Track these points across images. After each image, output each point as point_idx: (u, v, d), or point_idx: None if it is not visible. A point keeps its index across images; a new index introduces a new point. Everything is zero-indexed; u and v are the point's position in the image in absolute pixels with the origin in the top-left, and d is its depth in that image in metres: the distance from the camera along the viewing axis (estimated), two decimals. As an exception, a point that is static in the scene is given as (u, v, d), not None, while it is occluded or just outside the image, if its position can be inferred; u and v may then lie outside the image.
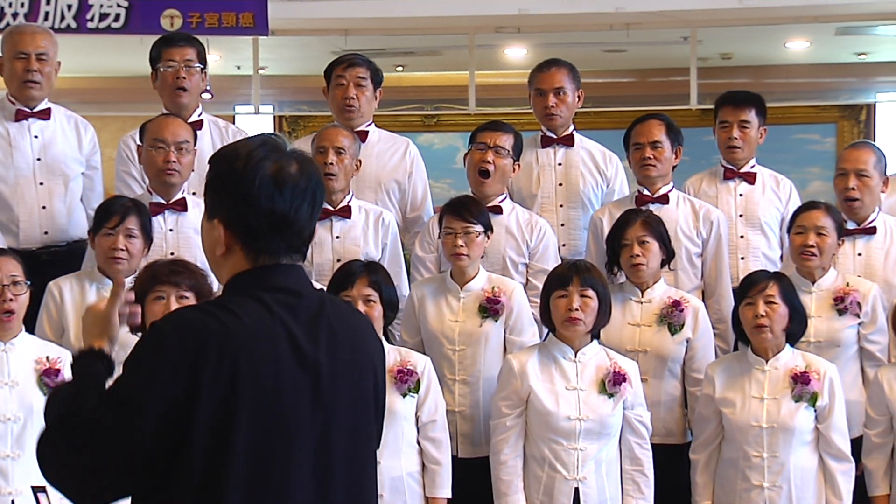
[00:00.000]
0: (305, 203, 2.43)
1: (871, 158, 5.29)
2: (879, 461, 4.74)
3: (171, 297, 4.17)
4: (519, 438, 4.55)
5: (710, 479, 4.70)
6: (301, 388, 2.36)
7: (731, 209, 5.58)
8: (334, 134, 5.24)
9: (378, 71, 5.73)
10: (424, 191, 5.78)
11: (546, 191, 5.71)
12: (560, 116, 5.70)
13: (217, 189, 2.47)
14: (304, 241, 2.47)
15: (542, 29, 10.60)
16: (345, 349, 2.45)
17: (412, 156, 5.75)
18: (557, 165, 5.73)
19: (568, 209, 5.69)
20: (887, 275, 5.25)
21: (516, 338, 4.90)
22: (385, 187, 5.64)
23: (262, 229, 2.41)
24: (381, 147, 5.69)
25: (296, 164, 2.44)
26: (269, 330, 2.36)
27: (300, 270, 2.48)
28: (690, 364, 4.94)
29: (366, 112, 5.68)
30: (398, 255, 5.35)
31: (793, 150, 10.92)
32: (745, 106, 5.60)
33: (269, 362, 2.33)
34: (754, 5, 9.56)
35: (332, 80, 5.67)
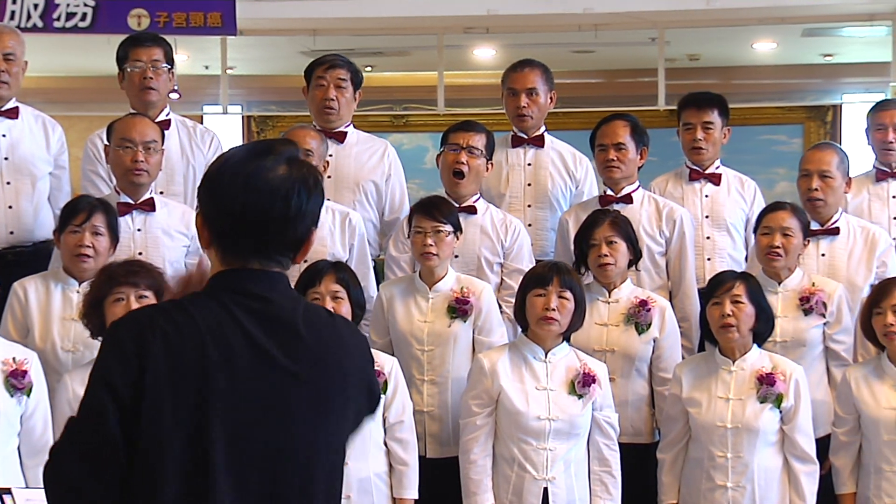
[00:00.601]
0: (277, 205, 2.36)
1: (833, 159, 5.33)
2: (846, 460, 4.76)
3: (131, 297, 4.16)
4: (489, 438, 4.55)
5: (676, 478, 4.72)
6: (253, 388, 2.31)
7: (696, 210, 5.61)
8: (301, 136, 5.24)
9: (358, 72, 5.74)
10: (402, 193, 5.78)
11: (515, 191, 5.72)
12: (531, 117, 5.71)
13: (202, 185, 2.45)
14: (277, 246, 2.39)
15: (511, 29, 10.62)
16: (310, 356, 2.37)
17: (391, 158, 5.75)
18: (527, 166, 5.74)
19: (536, 210, 5.71)
20: (850, 275, 5.28)
21: (485, 338, 4.91)
22: (363, 188, 5.63)
23: (226, 229, 2.38)
24: (359, 148, 5.69)
25: (284, 167, 2.38)
26: (222, 329, 2.32)
27: (275, 277, 2.41)
28: (657, 363, 4.96)
29: (345, 113, 5.68)
30: (365, 255, 5.34)
31: (759, 150, 10.97)
32: (707, 107, 5.62)
33: (219, 360, 2.29)
34: (721, 6, 9.60)
35: (312, 81, 5.67)
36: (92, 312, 4.24)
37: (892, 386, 4.67)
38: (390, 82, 12.52)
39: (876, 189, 5.78)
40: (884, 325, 4.63)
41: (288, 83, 10.60)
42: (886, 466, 4.63)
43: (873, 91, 11.03)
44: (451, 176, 5.29)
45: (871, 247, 5.33)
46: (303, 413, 2.36)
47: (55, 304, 4.70)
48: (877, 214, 5.69)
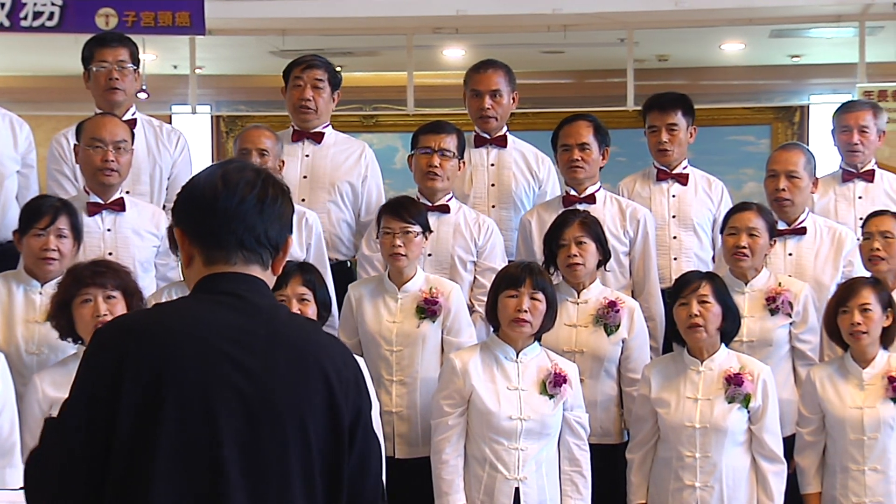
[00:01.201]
0: (253, 194, 2.40)
1: (800, 160, 5.36)
2: (811, 459, 4.79)
3: (98, 298, 4.14)
4: (460, 438, 4.55)
5: (645, 478, 4.74)
6: (230, 393, 2.30)
7: (664, 210, 5.63)
8: (256, 135, 5.24)
9: (336, 73, 5.74)
10: (379, 195, 5.78)
11: (478, 191, 5.73)
12: (496, 119, 5.72)
13: (177, 198, 2.49)
14: (258, 239, 2.42)
15: (480, 30, 10.62)
16: (287, 362, 2.36)
17: (367, 160, 5.76)
18: (490, 166, 5.75)
19: (500, 210, 5.71)
20: (817, 274, 5.31)
21: (454, 338, 4.91)
22: (338, 189, 5.63)
23: (209, 223, 2.40)
24: (336, 149, 5.69)
25: (251, 171, 2.45)
26: (202, 332, 2.33)
27: (255, 281, 2.44)
28: (626, 364, 4.98)
29: (322, 114, 5.68)
30: (322, 255, 5.32)
31: (728, 151, 11.02)
32: (671, 109, 5.64)
33: (198, 364, 2.29)
34: (690, 7, 9.63)
35: (290, 81, 5.68)
36: (60, 314, 4.22)
37: (857, 385, 4.69)
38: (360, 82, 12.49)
39: (842, 190, 5.82)
40: (850, 324, 4.66)
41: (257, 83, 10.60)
42: (853, 465, 4.66)
43: (840, 92, 11.09)
44: (425, 179, 5.30)
45: (838, 246, 5.36)
46: (278, 418, 2.33)
47: (18, 307, 4.67)
48: (843, 215, 5.73)
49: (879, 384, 4.67)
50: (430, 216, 5.06)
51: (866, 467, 4.64)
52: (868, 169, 5.82)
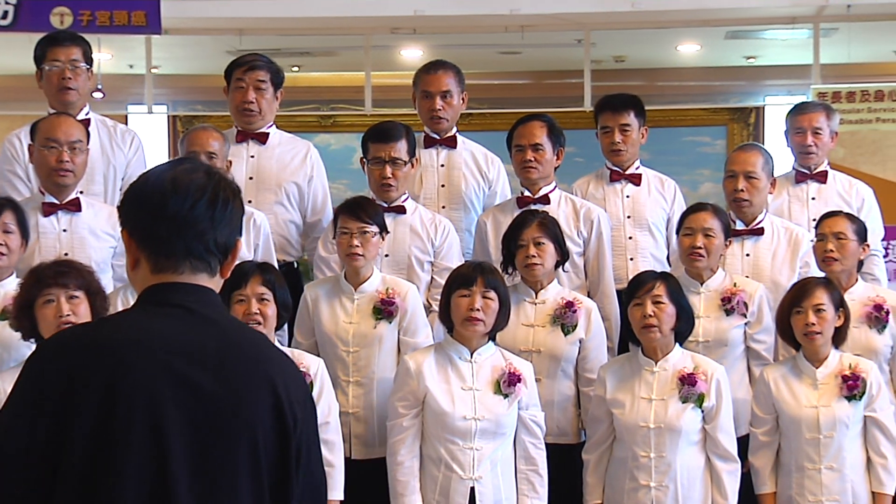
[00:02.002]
0: (204, 199, 2.34)
1: (759, 160, 5.39)
2: (766, 459, 4.81)
3: (61, 298, 4.11)
4: (416, 439, 4.54)
5: (601, 478, 4.75)
6: (180, 407, 2.25)
7: (618, 211, 5.65)
8: (204, 137, 5.20)
9: (279, 72, 5.70)
10: (325, 195, 5.76)
11: (428, 192, 5.72)
12: (447, 120, 5.72)
13: (123, 198, 2.43)
14: (207, 246, 2.35)
15: (438, 30, 10.63)
16: (238, 376, 2.31)
17: (313, 159, 5.73)
18: (440, 167, 5.75)
19: (450, 211, 5.70)
20: (774, 275, 5.34)
21: (410, 339, 4.90)
22: (285, 190, 5.60)
23: (158, 229, 2.34)
24: (281, 149, 5.66)
25: (202, 173, 2.38)
26: (152, 346, 2.27)
27: (204, 291, 2.38)
28: (583, 364, 4.99)
29: (266, 114, 5.64)
30: (271, 256, 5.29)
31: (684, 152, 11.07)
32: (623, 109, 5.66)
33: (148, 379, 2.24)
34: (646, 9, 9.68)
35: (232, 83, 5.62)
36: (22, 315, 4.19)
37: (810, 385, 4.73)
38: (317, 82, 12.49)
39: (795, 191, 5.86)
40: (805, 324, 4.69)
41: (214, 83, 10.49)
42: (809, 465, 4.69)
43: (795, 93, 11.18)
44: (380, 188, 5.28)
45: (795, 247, 5.40)
46: (221, 430, 2.29)
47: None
48: (796, 216, 5.77)
49: (833, 383, 4.70)
50: (386, 217, 5.05)
51: (822, 466, 4.67)
52: (821, 170, 5.86)
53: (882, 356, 5.06)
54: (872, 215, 5.84)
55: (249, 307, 4.45)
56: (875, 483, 4.70)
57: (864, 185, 5.97)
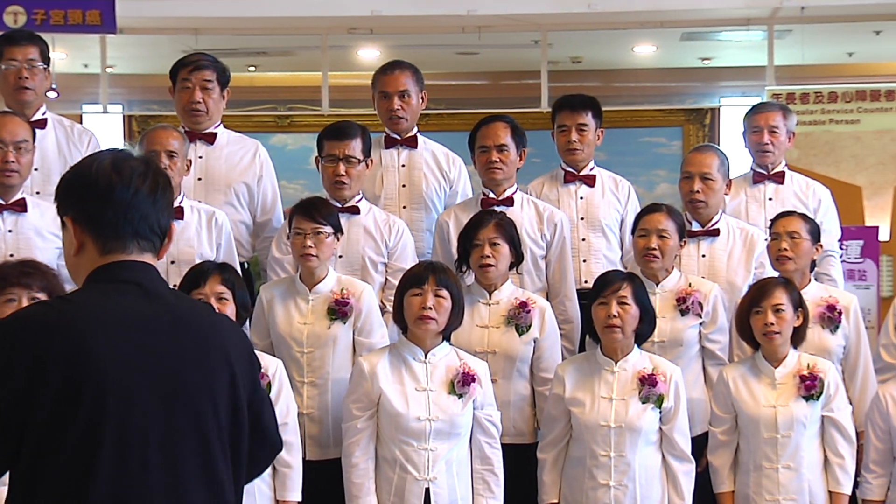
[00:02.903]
0: (146, 185, 2.52)
1: (714, 162, 5.42)
2: (725, 458, 4.84)
3: (23, 298, 4.07)
4: (370, 441, 4.53)
5: (558, 477, 4.76)
6: (145, 375, 2.40)
7: (572, 212, 5.66)
8: (164, 136, 5.17)
9: (225, 71, 5.67)
10: (274, 194, 5.75)
11: (389, 192, 5.72)
12: (405, 119, 5.72)
13: (63, 188, 2.56)
14: (152, 227, 2.53)
15: (395, 31, 10.62)
16: (192, 343, 2.49)
17: (262, 158, 5.71)
18: (401, 167, 5.74)
19: (411, 210, 5.71)
20: (730, 276, 5.38)
21: (365, 339, 4.89)
22: (234, 190, 5.59)
23: (105, 213, 2.49)
24: (230, 149, 5.63)
25: (137, 160, 2.55)
26: (113, 320, 2.41)
27: (151, 269, 2.54)
28: (538, 364, 5.00)
29: (213, 114, 5.62)
30: (233, 255, 5.30)
31: (640, 152, 11.10)
32: (581, 109, 5.68)
33: (113, 351, 2.38)
34: (602, 10, 9.71)
35: (178, 83, 5.61)
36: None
37: (769, 384, 4.76)
38: (274, 82, 12.44)
39: (753, 191, 5.90)
40: (764, 324, 4.72)
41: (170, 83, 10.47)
42: (767, 464, 4.71)
43: (750, 95, 11.25)
44: (333, 187, 5.28)
45: (750, 248, 5.43)
46: (186, 400, 2.45)
47: None
48: (753, 216, 5.81)
49: (791, 383, 4.73)
50: (340, 217, 5.04)
51: (780, 465, 4.70)
52: (778, 171, 5.91)
53: (835, 356, 5.10)
54: (829, 216, 5.89)
55: (208, 307, 4.43)
56: (832, 483, 4.73)
57: (821, 186, 6.02)
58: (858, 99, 9.81)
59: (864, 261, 7.74)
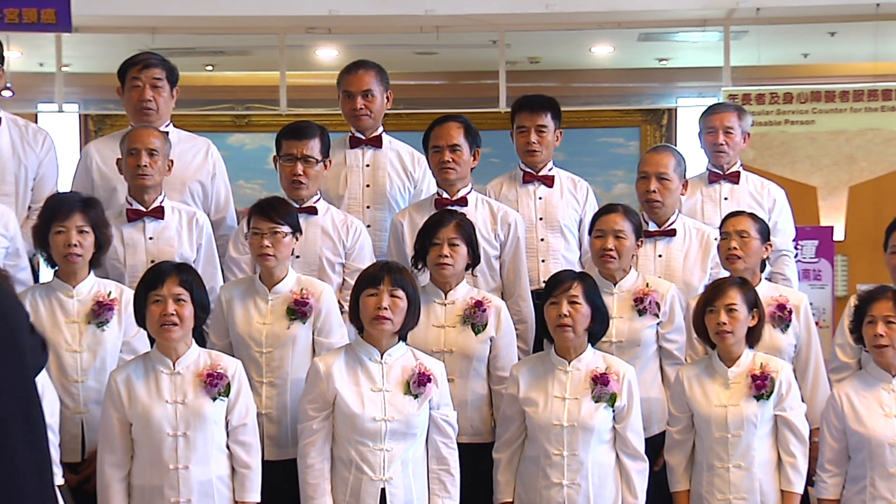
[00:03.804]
0: None
1: (671, 162, 5.44)
2: (680, 458, 4.86)
3: None
4: (326, 441, 4.52)
5: (512, 477, 4.76)
6: None
7: (530, 212, 5.67)
8: (146, 135, 5.19)
9: (174, 70, 5.67)
10: (227, 192, 5.76)
11: (353, 192, 5.72)
12: (369, 118, 5.72)
13: None
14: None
15: (353, 30, 10.61)
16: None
17: (214, 157, 5.72)
18: (365, 167, 5.74)
19: (375, 210, 5.71)
20: (686, 276, 5.40)
21: (325, 339, 4.89)
22: (189, 189, 5.58)
23: None
24: (181, 148, 5.62)
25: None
26: None
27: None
28: (495, 363, 5.00)
29: (163, 113, 5.61)
30: (213, 255, 5.32)
31: (598, 153, 11.15)
32: (541, 110, 5.68)
33: None
34: (560, 10, 9.74)
35: (127, 82, 5.61)
36: None
37: (722, 384, 4.78)
38: (231, 82, 12.40)
39: (708, 191, 5.93)
40: (717, 323, 4.74)
41: (125, 82, 10.45)
42: (718, 463, 4.74)
43: (706, 95, 11.32)
44: (290, 186, 5.27)
45: (706, 248, 5.45)
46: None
47: None
48: (709, 216, 5.84)
49: (744, 383, 4.76)
50: (298, 217, 5.03)
51: (731, 465, 4.73)
52: (734, 171, 5.95)
53: (786, 355, 5.13)
54: (784, 216, 5.94)
55: (166, 307, 4.41)
56: (784, 482, 4.76)
57: (775, 186, 6.06)
58: (813, 100, 9.89)
59: (819, 261, 7.80)
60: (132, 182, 5.21)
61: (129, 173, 5.19)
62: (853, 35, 10.55)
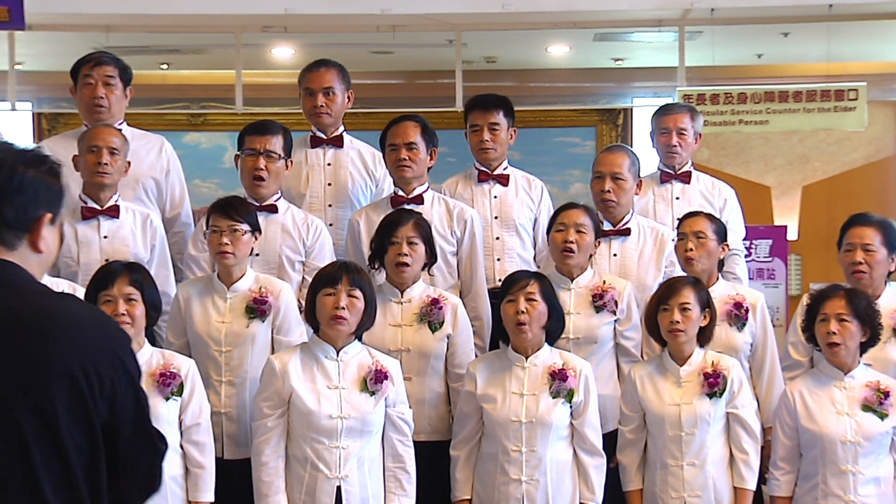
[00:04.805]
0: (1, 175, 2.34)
1: (625, 162, 5.47)
2: (633, 456, 4.89)
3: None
4: (281, 439, 4.52)
5: (470, 474, 4.79)
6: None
7: (486, 211, 5.69)
8: (106, 133, 5.20)
9: (127, 69, 5.67)
10: (182, 189, 5.75)
11: (315, 190, 5.73)
12: (329, 116, 5.73)
13: None
14: (5, 220, 2.35)
15: (309, 29, 10.57)
16: (15, 346, 2.28)
17: (168, 154, 5.72)
18: (326, 165, 5.75)
19: (337, 209, 5.73)
20: (640, 275, 5.43)
21: (283, 338, 4.89)
22: (143, 186, 5.58)
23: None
24: (135, 145, 5.61)
25: (13, 149, 2.40)
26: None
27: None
28: (452, 360, 5.02)
29: (116, 111, 5.61)
30: (166, 255, 5.34)
31: (555, 152, 11.17)
32: (493, 109, 5.71)
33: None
34: (516, 10, 9.75)
35: (80, 80, 5.63)
36: None
37: (674, 382, 4.82)
38: (187, 80, 12.31)
39: (660, 191, 5.97)
40: (670, 321, 4.78)
41: (78, 81, 10.40)
42: (672, 461, 4.77)
43: (661, 95, 11.36)
44: (252, 181, 5.27)
45: (661, 247, 5.49)
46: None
47: None
48: (661, 215, 5.88)
49: (696, 381, 4.79)
50: (257, 216, 5.03)
51: (684, 462, 4.76)
52: (685, 170, 5.98)
53: (742, 353, 5.17)
54: (734, 215, 5.98)
55: (116, 308, 4.40)
56: (737, 479, 4.80)
57: (726, 185, 6.11)
58: (767, 100, 9.96)
59: (773, 260, 7.86)
60: (91, 179, 5.19)
61: (87, 171, 5.17)
62: (806, 36, 10.62)
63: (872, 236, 5.11)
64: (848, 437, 4.68)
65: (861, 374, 4.79)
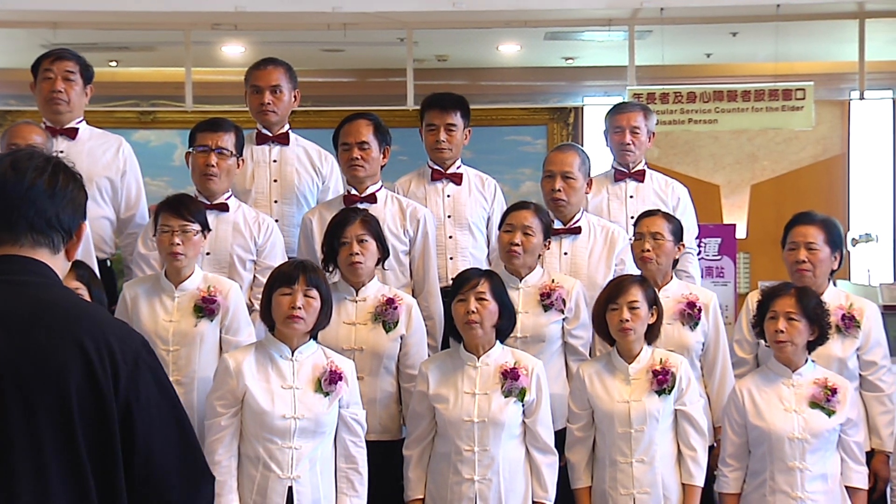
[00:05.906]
0: (42, 179, 2.45)
1: (575, 161, 5.49)
2: (581, 454, 4.91)
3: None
4: (234, 438, 4.50)
5: (423, 473, 4.79)
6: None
7: (439, 210, 5.70)
8: (27, 131, 5.15)
9: (88, 67, 5.64)
10: (139, 190, 5.71)
11: (260, 187, 5.71)
12: (276, 113, 5.72)
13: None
14: (49, 223, 2.46)
15: (260, 27, 10.53)
16: (45, 343, 2.35)
17: (125, 154, 5.68)
18: (272, 162, 5.74)
19: (283, 205, 5.72)
20: (591, 273, 5.45)
21: (232, 337, 4.87)
22: (97, 185, 5.54)
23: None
24: (92, 144, 5.58)
25: (41, 158, 2.50)
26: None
27: (39, 266, 2.45)
28: (405, 360, 5.02)
29: (76, 107, 5.58)
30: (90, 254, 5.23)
31: (506, 151, 11.19)
32: (451, 108, 5.72)
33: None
34: (467, 9, 9.76)
35: (40, 74, 5.60)
36: None
37: (623, 380, 4.84)
38: (136, 78, 12.23)
39: (614, 189, 5.99)
40: (619, 320, 4.80)
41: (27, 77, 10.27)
42: (621, 458, 4.79)
43: (612, 94, 11.41)
44: (202, 178, 5.25)
45: (611, 245, 5.51)
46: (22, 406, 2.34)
47: None
48: (615, 214, 5.91)
49: (644, 378, 4.82)
50: (208, 214, 5.01)
51: (633, 459, 4.78)
52: (639, 169, 6.02)
53: (694, 352, 5.22)
54: (687, 214, 6.02)
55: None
56: (685, 475, 4.83)
57: (679, 184, 6.15)
58: (716, 99, 10.03)
59: (722, 258, 7.92)
60: None
61: None
62: (755, 35, 10.71)
63: (815, 235, 5.16)
64: (796, 434, 4.72)
65: (809, 371, 4.83)
